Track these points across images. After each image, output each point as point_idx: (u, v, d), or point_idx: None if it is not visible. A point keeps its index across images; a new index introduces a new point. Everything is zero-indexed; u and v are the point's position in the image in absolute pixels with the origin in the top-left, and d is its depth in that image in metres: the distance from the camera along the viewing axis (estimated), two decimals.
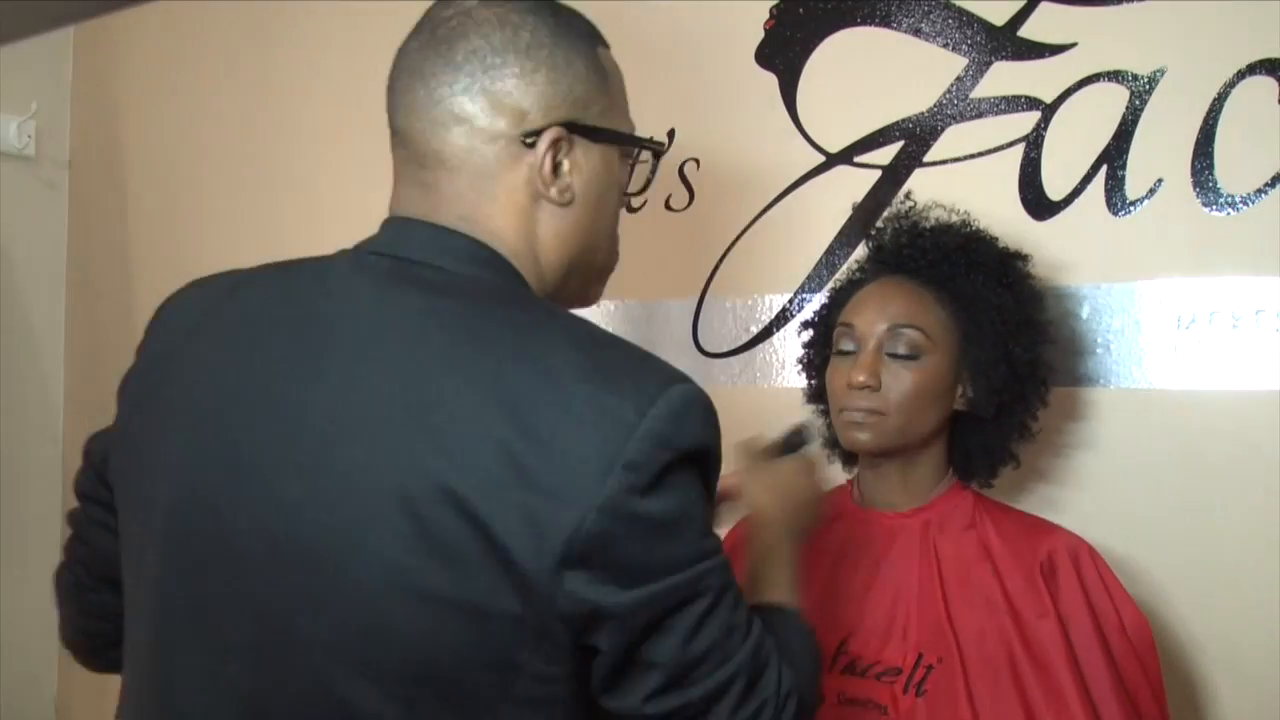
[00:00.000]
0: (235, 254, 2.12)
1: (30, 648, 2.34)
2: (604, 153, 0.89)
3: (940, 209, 1.31)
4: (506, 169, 0.85)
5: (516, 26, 0.85)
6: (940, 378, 1.19)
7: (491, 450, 0.74)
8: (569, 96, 0.86)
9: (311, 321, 0.82)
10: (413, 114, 0.86)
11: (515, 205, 0.85)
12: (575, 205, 0.88)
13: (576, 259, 0.90)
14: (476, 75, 0.84)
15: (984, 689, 1.11)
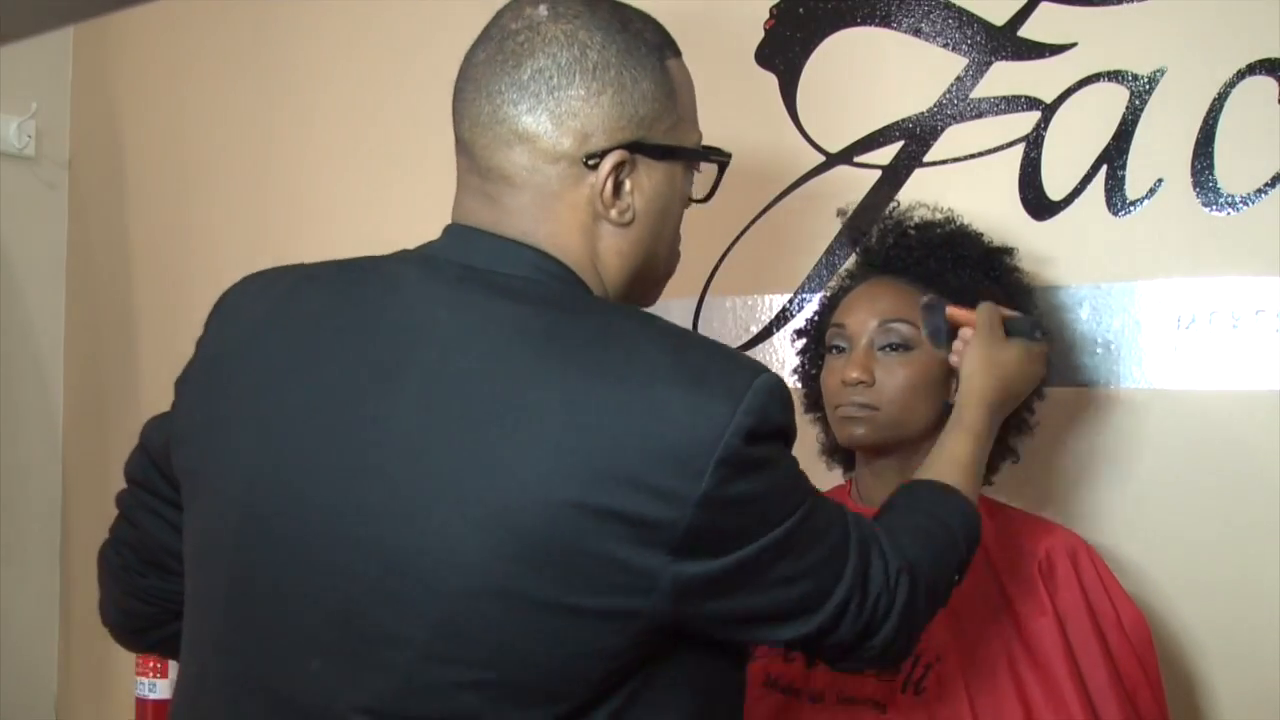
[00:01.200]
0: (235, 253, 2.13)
1: (30, 648, 2.34)
2: (668, 169, 0.90)
3: (924, 208, 1.31)
4: (569, 189, 0.86)
5: (585, 46, 0.85)
6: (932, 370, 1.19)
7: (589, 461, 0.76)
8: (634, 117, 0.86)
9: (386, 328, 0.83)
10: (477, 127, 0.87)
11: (577, 224, 0.86)
12: (636, 224, 0.89)
13: (638, 272, 0.91)
14: (542, 96, 0.84)
15: (982, 687, 1.11)
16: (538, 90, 0.84)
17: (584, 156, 0.85)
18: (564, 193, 0.86)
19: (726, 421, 0.77)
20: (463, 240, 0.88)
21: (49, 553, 2.38)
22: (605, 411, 0.76)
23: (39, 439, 2.37)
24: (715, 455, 0.76)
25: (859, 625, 0.87)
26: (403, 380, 0.80)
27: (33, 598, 2.34)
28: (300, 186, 2.08)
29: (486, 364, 0.79)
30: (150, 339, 2.29)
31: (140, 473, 0.99)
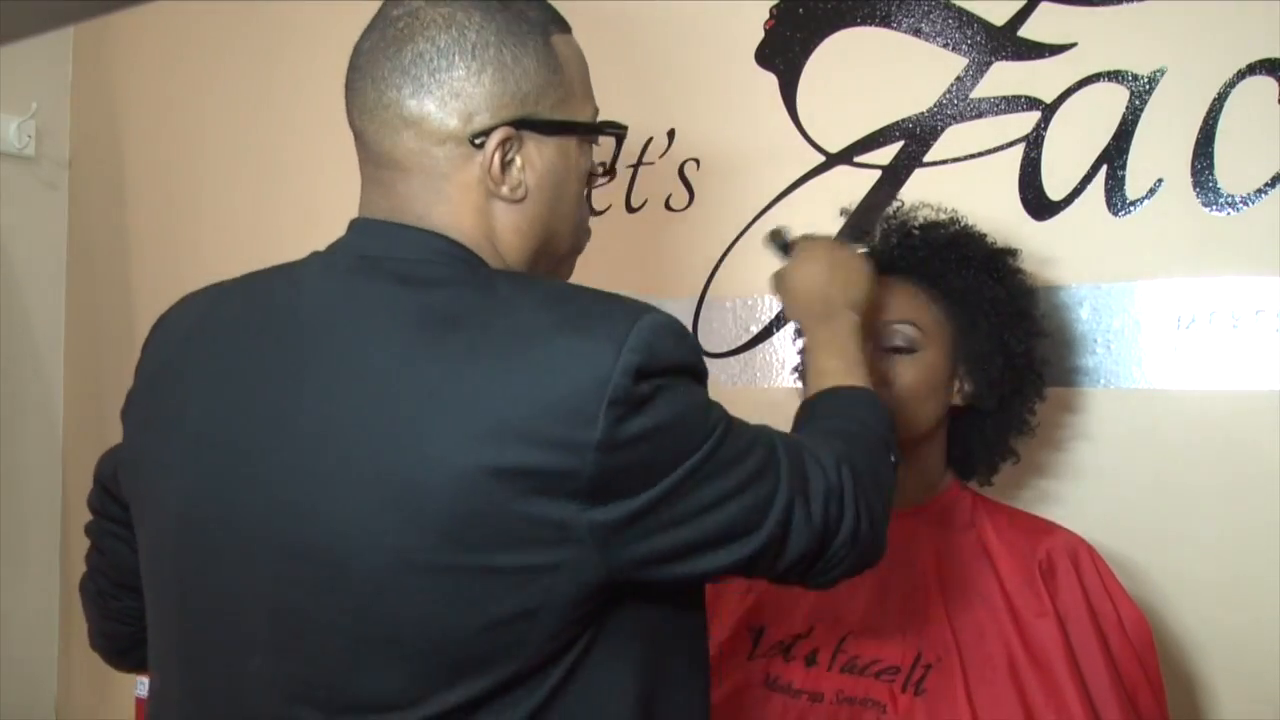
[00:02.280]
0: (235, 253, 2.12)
1: (30, 648, 2.34)
2: (560, 144, 0.89)
3: (928, 208, 1.31)
4: (458, 169, 0.86)
5: (463, 26, 0.85)
6: (936, 371, 1.19)
7: (486, 424, 0.76)
8: (518, 93, 0.86)
9: (290, 325, 0.85)
10: (365, 115, 0.88)
11: (470, 204, 0.87)
12: (530, 200, 0.88)
13: (539, 249, 0.91)
14: (423, 79, 0.85)
15: (982, 688, 1.11)
16: (419, 74, 0.85)
17: (470, 136, 0.85)
18: (453, 174, 0.86)
19: (612, 363, 0.77)
20: (361, 232, 0.89)
21: (49, 553, 2.38)
22: (496, 376, 0.77)
23: (39, 439, 2.37)
24: (605, 398, 0.76)
25: (814, 529, 0.86)
26: (306, 375, 0.82)
27: (33, 598, 2.34)
28: (300, 186, 2.08)
29: (382, 350, 0.80)
30: None
31: (98, 503, 1.06)
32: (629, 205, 1.71)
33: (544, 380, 0.77)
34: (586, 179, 0.94)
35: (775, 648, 1.21)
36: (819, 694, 1.15)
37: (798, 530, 0.86)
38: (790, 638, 1.21)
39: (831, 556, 0.89)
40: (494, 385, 0.77)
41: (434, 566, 0.77)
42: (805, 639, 1.20)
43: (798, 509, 0.85)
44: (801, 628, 1.21)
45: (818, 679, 1.16)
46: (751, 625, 1.24)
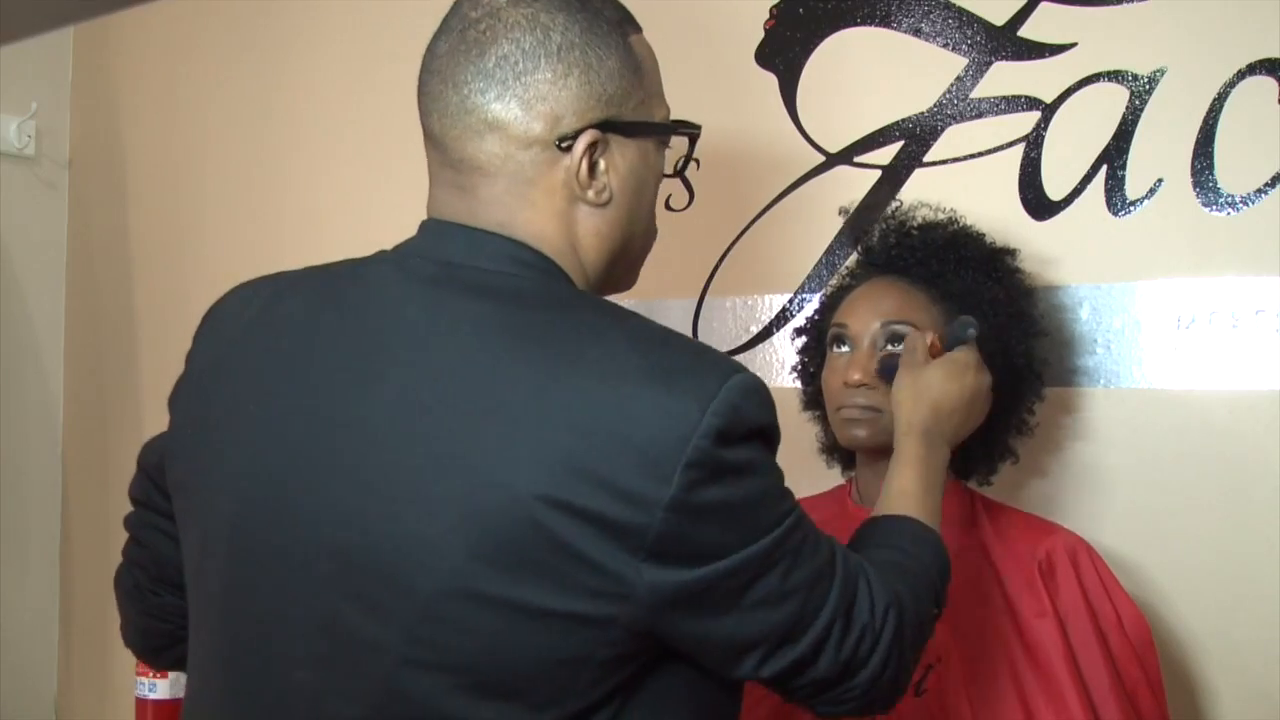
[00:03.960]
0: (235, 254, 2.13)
1: (30, 648, 2.34)
2: (640, 146, 0.89)
3: (927, 208, 1.31)
4: (544, 174, 0.85)
5: (547, 28, 0.84)
6: None
7: (558, 458, 0.74)
8: (603, 96, 0.85)
9: (363, 331, 0.83)
10: (446, 119, 0.86)
11: (553, 208, 0.85)
12: (614, 203, 0.88)
13: (618, 252, 0.90)
14: (509, 82, 0.83)
15: (983, 688, 1.11)
16: (504, 77, 0.83)
17: (556, 139, 0.84)
18: (539, 178, 0.85)
19: (695, 422, 0.75)
20: (438, 235, 0.87)
21: (49, 553, 2.38)
22: (574, 409, 0.75)
23: (39, 439, 2.37)
24: (683, 458, 0.74)
25: (840, 659, 0.83)
26: (378, 383, 0.80)
27: (33, 598, 2.34)
28: (300, 186, 2.08)
29: (459, 363, 0.79)
30: (150, 339, 2.29)
31: (141, 493, 1.00)
32: None
33: (623, 427, 0.75)
34: (660, 179, 0.94)
35: None
36: None
37: (829, 654, 0.83)
38: None
39: (847, 691, 0.85)
40: (572, 419, 0.75)
41: (487, 597, 0.75)
42: None
43: (836, 632, 0.82)
44: None
45: None
46: None
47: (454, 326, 0.80)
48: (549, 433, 0.75)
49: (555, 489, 0.74)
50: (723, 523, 0.77)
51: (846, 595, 0.83)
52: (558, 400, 0.76)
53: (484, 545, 0.75)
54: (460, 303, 0.81)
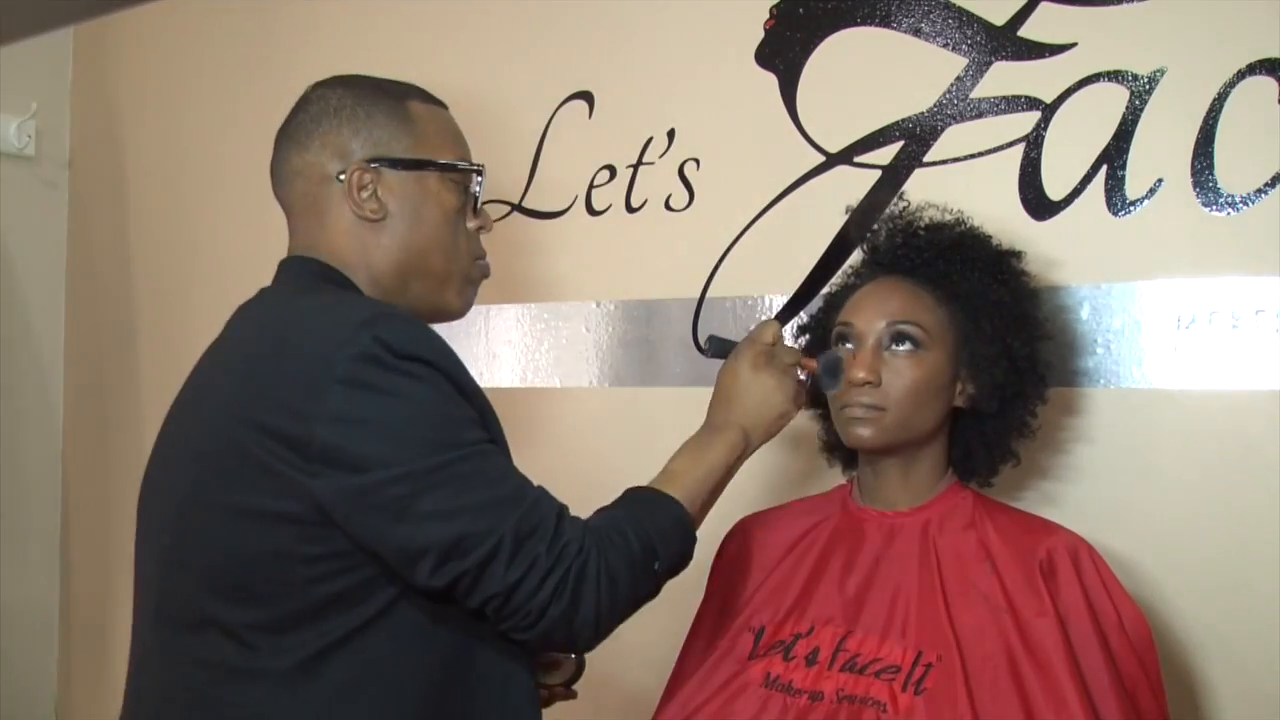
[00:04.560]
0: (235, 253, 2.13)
1: (30, 648, 2.34)
2: (416, 177, 1.11)
3: (934, 208, 1.31)
4: (334, 202, 1.11)
5: (327, 98, 1.12)
6: (940, 373, 1.19)
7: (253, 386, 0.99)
8: (370, 139, 1.10)
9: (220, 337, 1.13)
10: (275, 178, 1.16)
11: (342, 227, 1.10)
12: (391, 219, 1.10)
13: (408, 264, 1.11)
14: (301, 139, 1.12)
15: (983, 687, 1.11)
16: (299, 136, 1.12)
17: (337, 174, 1.10)
18: (330, 206, 1.11)
19: (346, 341, 0.95)
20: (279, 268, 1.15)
21: (49, 553, 2.38)
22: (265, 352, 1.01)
23: (39, 439, 2.37)
24: (335, 373, 0.94)
25: (508, 580, 0.94)
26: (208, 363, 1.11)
27: (33, 598, 2.34)
28: None
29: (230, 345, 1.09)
30: (150, 339, 2.29)
31: None
32: (629, 205, 1.71)
33: (294, 353, 0.98)
34: (455, 212, 1.13)
35: (776, 647, 1.21)
36: (819, 693, 1.15)
37: (492, 574, 0.95)
38: (791, 637, 1.21)
39: (515, 614, 0.96)
40: (263, 358, 1.00)
41: (212, 504, 0.99)
42: (806, 638, 1.20)
43: (501, 555, 0.94)
44: (802, 627, 1.21)
45: (818, 678, 1.16)
46: (752, 625, 1.24)
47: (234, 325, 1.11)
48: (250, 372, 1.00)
49: (248, 410, 0.98)
50: (377, 437, 0.94)
51: (524, 525, 0.96)
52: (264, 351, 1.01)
53: (208, 459, 1.01)
54: (252, 307, 1.11)
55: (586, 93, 1.75)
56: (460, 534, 0.94)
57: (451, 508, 0.94)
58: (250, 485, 0.96)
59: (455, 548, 0.94)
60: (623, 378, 1.73)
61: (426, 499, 0.94)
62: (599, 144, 1.74)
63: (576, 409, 1.77)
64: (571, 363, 1.78)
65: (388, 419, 0.95)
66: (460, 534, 0.94)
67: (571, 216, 1.77)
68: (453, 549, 0.94)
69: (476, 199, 1.15)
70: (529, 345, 1.82)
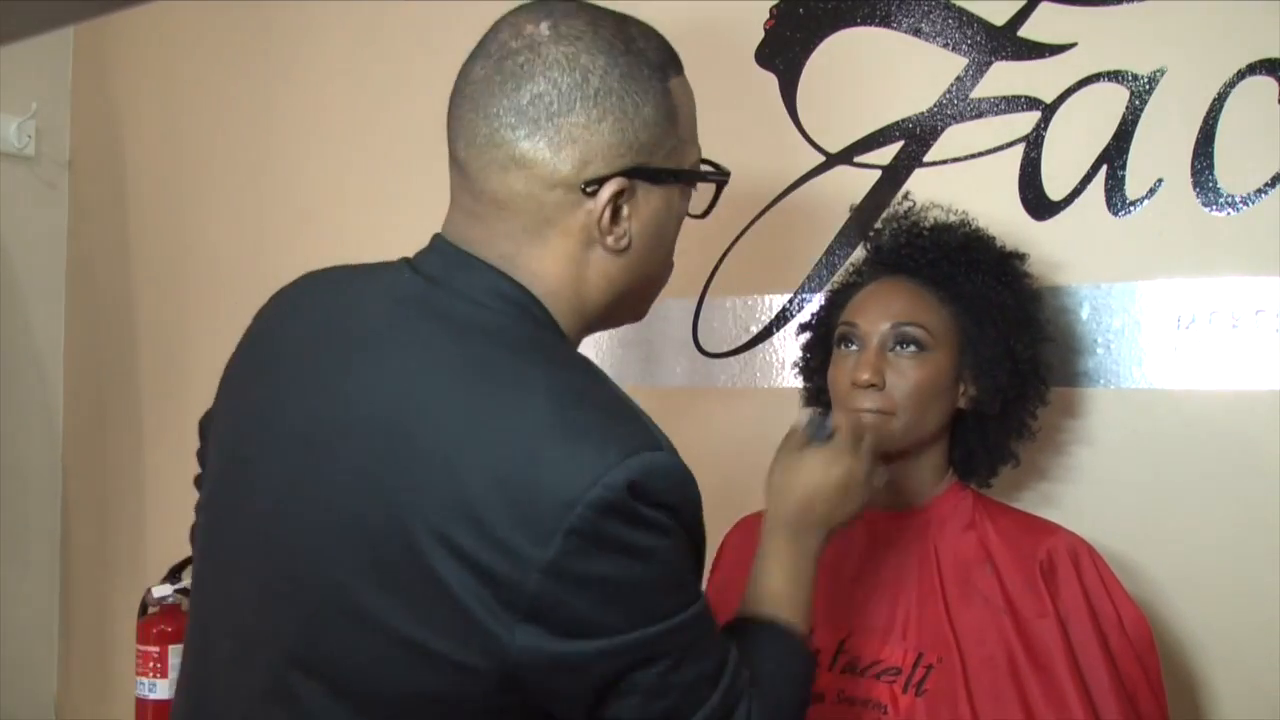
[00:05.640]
0: (235, 253, 2.13)
1: (30, 648, 2.34)
2: (666, 192, 0.88)
3: (938, 209, 1.31)
4: (564, 215, 0.84)
5: (587, 71, 0.82)
6: (943, 375, 1.19)
7: (452, 497, 0.75)
8: (635, 143, 0.84)
9: (336, 334, 0.86)
10: (473, 149, 0.85)
11: (567, 251, 0.85)
12: (631, 249, 0.87)
13: (625, 294, 0.89)
14: (541, 122, 0.82)
15: (984, 689, 1.11)
16: (537, 116, 0.82)
17: (582, 184, 0.83)
18: (558, 219, 0.84)
19: (586, 488, 0.73)
20: (439, 255, 0.88)
21: (49, 553, 2.38)
22: (478, 452, 0.75)
23: (39, 439, 2.37)
24: (566, 523, 0.73)
25: None
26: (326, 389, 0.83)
27: (33, 598, 2.34)
28: (299, 187, 2.08)
29: (393, 384, 0.80)
30: (150, 339, 2.29)
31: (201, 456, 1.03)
32: None
33: (516, 478, 0.74)
34: (682, 220, 0.92)
35: None
36: (820, 694, 1.15)
37: None
38: None
39: None
40: (475, 460, 0.75)
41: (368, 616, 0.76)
42: None
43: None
44: None
45: (818, 680, 1.16)
46: None
47: (403, 348, 0.82)
48: (449, 469, 0.75)
49: (443, 525, 0.74)
50: (603, 600, 0.75)
51: (724, 707, 0.82)
52: (466, 440, 0.76)
53: (369, 564, 0.76)
54: (421, 325, 0.83)
55: None
56: (665, 712, 0.79)
57: (663, 685, 0.78)
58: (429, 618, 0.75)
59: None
60: (623, 378, 1.73)
61: (641, 673, 0.78)
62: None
63: None
64: None
65: (618, 582, 0.76)
66: (665, 712, 0.79)
67: None
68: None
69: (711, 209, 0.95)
70: None
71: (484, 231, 0.85)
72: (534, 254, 0.84)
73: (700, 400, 1.65)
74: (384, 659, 0.76)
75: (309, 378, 0.84)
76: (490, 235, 0.85)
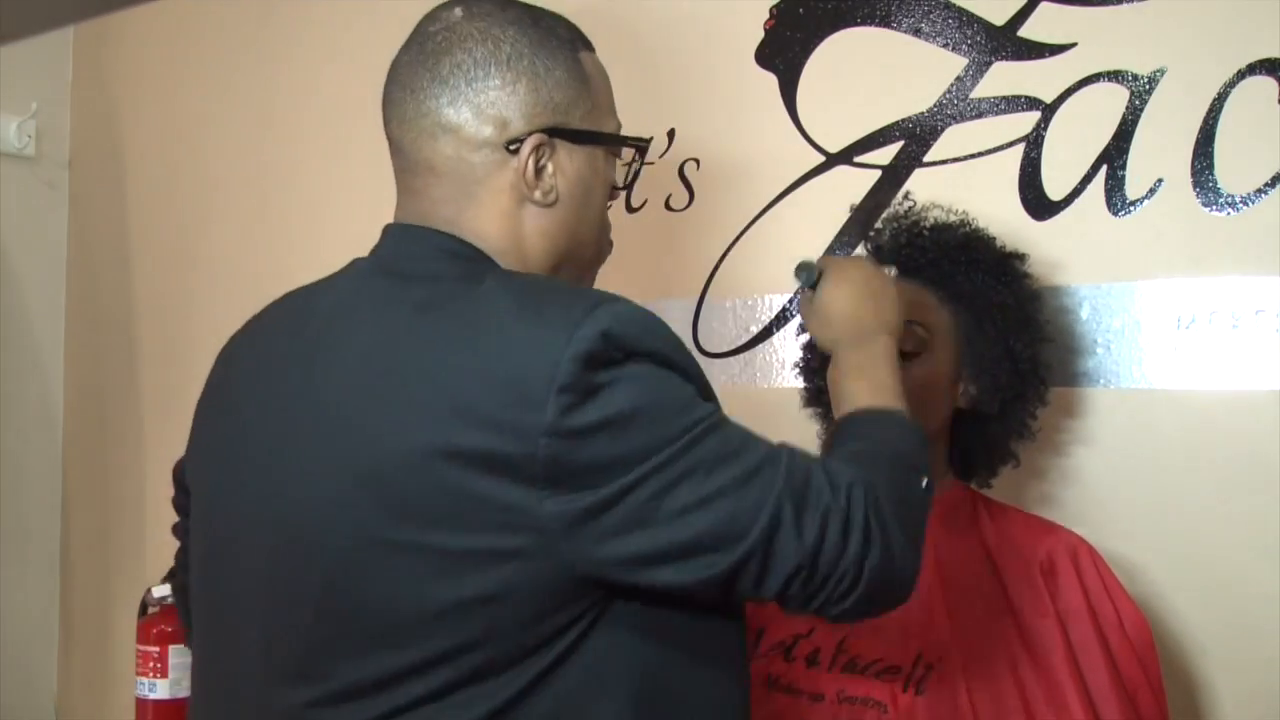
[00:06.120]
0: (235, 254, 2.13)
1: (30, 648, 2.34)
2: (589, 153, 0.94)
3: (939, 209, 1.31)
4: (492, 174, 0.91)
5: (498, 40, 0.90)
6: (943, 375, 1.19)
7: (443, 408, 0.80)
8: (550, 103, 0.91)
9: (307, 325, 0.91)
10: (404, 125, 0.92)
11: (499, 208, 0.91)
12: (560, 205, 0.93)
13: (564, 254, 0.95)
14: (461, 88, 0.90)
15: (983, 688, 1.11)
16: (457, 83, 0.90)
17: (505, 142, 0.90)
18: (487, 178, 0.91)
19: (562, 347, 0.78)
20: (389, 237, 0.94)
21: (49, 553, 2.38)
22: (453, 361, 0.81)
23: (39, 439, 2.37)
24: (555, 383, 0.78)
25: (805, 546, 0.81)
26: (305, 371, 0.88)
27: (33, 598, 2.34)
28: (299, 186, 2.08)
29: (363, 339, 0.86)
30: (150, 339, 2.29)
31: (179, 504, 1.09)
32: (629, 205, 1.71)
33: (496, 364, 0.80)
34: (610, 190, 0.98)
35: (776, 648, 1.21)
36: (820, 694, 1.15)
37: (784, 545, 0.81)
38: (791, 638, 1.21)
39: (829, 581, 0.82)
40: (451, 369, 0.81)
41: (394, 544, 0.80)
42: (806, 639, 1.20)
43: (785, 521, 0.81)
44: (802, 628, 1.21)
45: (818, 679, 1.16)
46: (752, 626, 1.24)
47: (365, 309, 0.88)
48: (431, 386, 0.81)
49: (444, 437, 0.79)
50: (610, 441, 0.79)
51: (794, 483, 0.82)
52: (439, 356, 0.82)
53: (389, 499, 0.80)
54: (378, 287, 0.90)
55: None
56: (729, 515, 0.80)
57: (708, 492, 0.80)
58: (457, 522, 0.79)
59: (728, 533, 0.80)
60: None
61: (677, 493, 0.79)
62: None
63: None
64: None
65: (619, 423, 0.79)
66: (729, 515, 0.80)
67: None
68: (725, 535, 0.80)
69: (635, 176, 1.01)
70: None
71: (426, 203, 0.92)
72: (472, 214, 0.91)
73: None
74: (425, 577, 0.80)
75: (279, 384, 0.90)
76: (432, 204, 0.92)
